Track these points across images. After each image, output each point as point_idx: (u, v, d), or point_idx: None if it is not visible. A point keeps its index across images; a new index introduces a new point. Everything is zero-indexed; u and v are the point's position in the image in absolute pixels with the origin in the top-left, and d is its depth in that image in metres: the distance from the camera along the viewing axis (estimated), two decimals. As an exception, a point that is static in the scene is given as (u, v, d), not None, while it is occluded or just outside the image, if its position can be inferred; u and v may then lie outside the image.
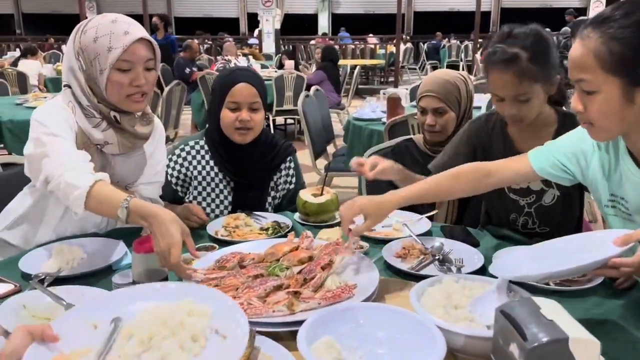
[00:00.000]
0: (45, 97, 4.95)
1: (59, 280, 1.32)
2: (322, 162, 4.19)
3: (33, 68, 7.18)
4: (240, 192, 1.93)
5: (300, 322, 1.00)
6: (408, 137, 2.25)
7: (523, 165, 1.39)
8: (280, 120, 7.54)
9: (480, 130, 1.80)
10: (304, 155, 3.47)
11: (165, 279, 1.26)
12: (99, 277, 1.37)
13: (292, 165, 2.02)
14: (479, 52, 11.61)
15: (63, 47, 12.99)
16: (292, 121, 7.53)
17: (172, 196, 1.91)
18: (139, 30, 1.50)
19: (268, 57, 11.85)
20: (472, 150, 1.78)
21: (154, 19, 8.39)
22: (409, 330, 0.98)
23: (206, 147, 1.91)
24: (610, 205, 1.30)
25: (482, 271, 1.36)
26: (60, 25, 18.31)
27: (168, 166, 1.87)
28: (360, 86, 9.91)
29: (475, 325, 1.01)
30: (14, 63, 7.41)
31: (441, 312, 1.05)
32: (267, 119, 6.87)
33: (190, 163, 1.91)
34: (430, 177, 1.51)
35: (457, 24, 17.99)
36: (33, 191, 1.65)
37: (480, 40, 12.91)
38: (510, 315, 0.82)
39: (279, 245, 1.39)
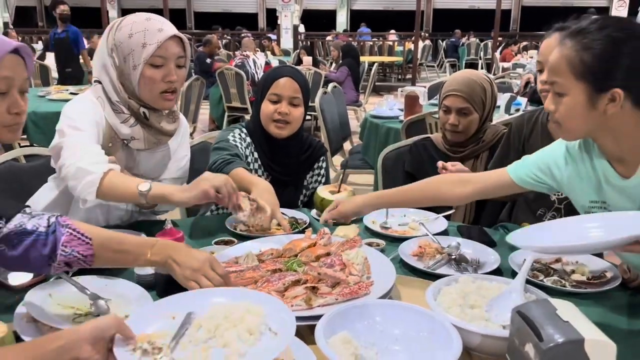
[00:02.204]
0: (66, 90, 5.03)
1: (83, 271, 1.35)
2: (338, 159, 4.20)
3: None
4: (277, 187, 1.96)
5: (317, 317, 1.02)
6: (426, 135, 2.25)
7: (503, 177, 1.48)
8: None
9: (521, 126, 1.87)
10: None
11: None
12: (120, 268, 1.40)
13: (324, 165, 2.05)
14: (498, 51, 11.51)
15: (84, 41, 13.19)
16: (308, 118, 7.54)
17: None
18: (171, 28, 1.56)
19: (286, 53, 11.88)
20: (517, 147, 1.84)
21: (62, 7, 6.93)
22: (425, 328, 0.99)
23: (248, 139, 1.94)
24: (593, 211, 1.33)
25: (499, 272, 1.37)
26: (82, 18, 18.54)
27: (234, 140, 1.88)
28: (377, 83, 9.89)
29: (491, 325, 1.02)
30: (41, 57, 7.53)
31: (457, 311, 1.06)
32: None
33: (242, 146, 1.92)
34: (408, 186, 1.61)
35: (477, 21, 17.81)
36: (58, 183, 1.70)
37: (500, 38, 12.78)
38: (527, 316, 0.83)
39: (296, 241, 1.41)
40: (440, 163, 1.79)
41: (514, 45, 11.64)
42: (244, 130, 1.95)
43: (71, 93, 4.73)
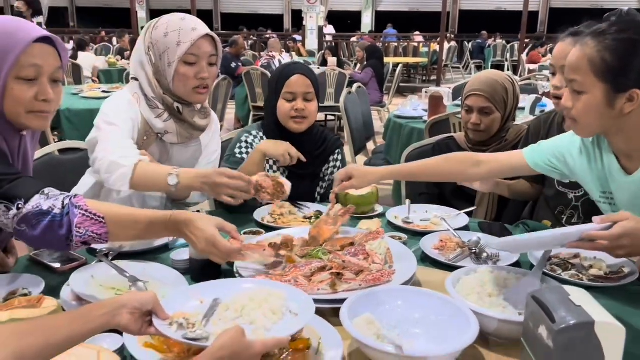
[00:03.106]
0: (99, 88, 5.19)
1: (121, 255, 1.44)
2: (361, 159, 4.25)
3: (87, 60, 7.51)
4: (294, 180, 2.02)
5: (341, 301, 1.09)
6: (449, 134, 2.30)
7: (517, 159, 1.54)
8: (320, 116, 7.64)
9: (539, 127, 1.91)
10: (347, 151, 3.54)
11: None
12: (156, 254, 1.49)
13: (340, 157, 2.10)
14: (525, 52, 11.40)
15: (114, 39, 13.49)
16: (332, 117, 7.61)
17: None
18: (204, 28, 1.65)
19: (311, 54, 11.96)
20: None
21: (17, 3, 6.65)
22: (444, 312, 1.04)
23: (259, 140, 2.01)
24: (602, 201, 1.42)
25: (518, 266, 1.41)
26: (112, 19, 18.96)
27: (240, 147, 1.97)
28: (401, 84, 9.90)
29: (508, 312, 1.07)
30: (73, 56, 7.76)
31: (475, 298, 1.11)
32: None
33: (253, 148, 2.00)
34: (424, 159, 1.67)
35: (504, 23, 17.65)
36: (95, 176, 1.79)
37: (527, 40, 12.64)
38: (541, 300, 0.88)
39: (321, 226, 1.47)
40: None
41: (541, 47, 11.52)
42: (254, 132, 2.01)
43: (103, 91, 4.88)
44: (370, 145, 4.77)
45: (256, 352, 0.86)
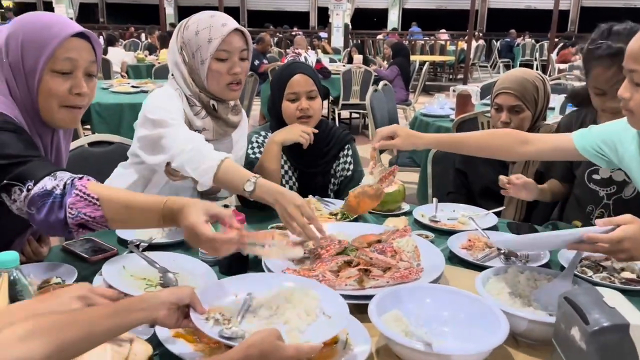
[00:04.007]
0: (128, 83, 5.28)
1: (151, 247, 1.47)
2: (385, 157, 4.24)
3: (117, 56, 7.63)
4: (305, 179, 2.04)
5: (369, 297, 1.09)
6: (478, 133, 2.27)
7: (565, 142, 1.50)
8: (345, 114, 7.62)
9: (569, 125, 1.88)
10: (367, 149, 3.54)
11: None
12: (186, 246, 1.50)
13: (350, 153, 2.10)
14: (554, 52, 11.19)
15: (142, 35, 13.69)
16: (357, 115, 7.59)
17: None
18: (234, 23, 1.66)
19: (336, 51, 11.95)
20: None
21: None
22: (473, 312, 1.04)
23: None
24: None
25: (548, 267, 1.39)
26: (140, 15, 19.24)
27: (252, 148, 1.99)
28: (427, 83, 9.82)
29: (538, 312, 1.06)
30: (103, 51, 7.90)
31: (505, 298, 1.10)
32: (333, 111, 6.98)
33: (260, 154, 2.01)
34: (471, 132, 1.63)
35: (533, 22, 17.36)
36: (136, 169, 1.82)
37: (556, 39, 12.41)
38: (573, 301, 0.87)
39: (364, 198, 1.46)
40: (503, 178, 1.75)
41: (571, 47, 11.29)
42: (262, 133, 2.02)
43: (133, 86, 4.96)
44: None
45: (287, 355, 0.86)
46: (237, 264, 1.36)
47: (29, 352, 0.74)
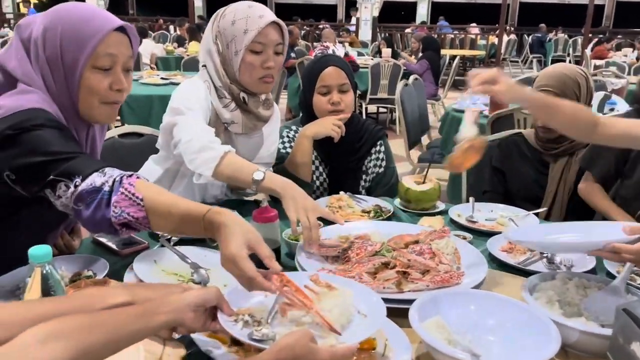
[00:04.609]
0: (157, 75, 5.30)
1: (182, 241, 1.44)
2: (415, 153, 4.16)
3: (146, 48, 7.69)
4: (335, 175, 1.99)
5: (407, 301, 1.04)
6: (517, 131, 2.19)
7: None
8: (372, 108, 7.54)
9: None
10: (395, 145, 3.46)
11: (278, 248, 1.35)
12: (216, 242, 1.47)
13: (383, 149, 2.04)
14: (589, 47, 10.89)
15: (171, 27, 13.79)
16: (384, 110, 7.50)
17: None
18: (271, 15, 1.62)
19: (364, 45, 11.85)
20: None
21: None
22: (521, 321, 0.98)
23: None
24: None
25: (593, 272, 1.32)
26: (169, 7, 19.39)
27: (282, 142, 1.96)
28: (456, 77, 9.66)
29: (590, 323, 1.00)
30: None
31: (554, 307, 1.04)
32: (360, 106, 6.91)
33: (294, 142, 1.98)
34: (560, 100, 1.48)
35: (566, 16, 16.94)
36: (162, 163, 1.80)
37: (590, 35, 12.08)
38: (634, 314, 0.81)
39: (466, 154, 1.37)
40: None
41: (607, 43, 10.98)
42: (294, 127, 1.99)
43: (162, 78, 4.98)
44: (424, 140, 4.66)
45: (322, 359, 0.82)
46: (269, 261, 1.32)
47: (51, 355, 0.71)
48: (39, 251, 0.88)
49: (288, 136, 1.99)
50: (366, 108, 6.88)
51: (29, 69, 1.18)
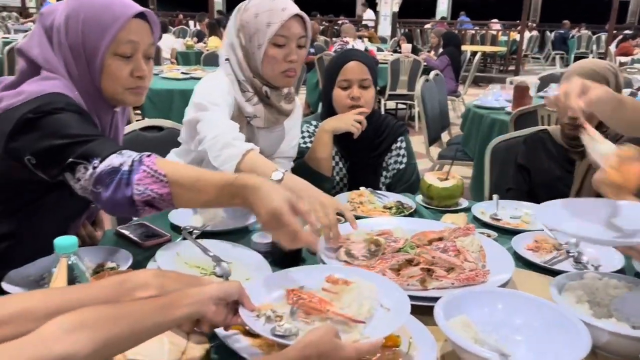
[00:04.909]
0: (178, 69, 5.33)
1: (204, 234, 1.44)
2: (434, 150, 4.11)
3: (167, 42, 7.74)
4: (355, 171, 1.98)
5: (431, 299, 1.03)
6: (543, 127, 2.15)
7: None
8: (391, 104, 7.49)
9: None
10: (414, 141, 3.41)
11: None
12: (237, 235, 1.47)
13: (404, 145, 2.02)
14: (613, 44, 10.68)
15: (191, 23, 13.85)
16: (403, 106, 7.45)
17: None
18: (294, 7, 1.60)
19: (383, 40, 11.77)
20: None
21: None
22: (550, 321, 0.96)
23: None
24: None
25: (622, 273, 1.29)
26: (189, 2, 19.47)
27: (303, 137, 1.96)
28: (477, 74, 9.56)
29: (620, 324, 0.97)
30: (156, 37, 8.00)
31: (583, 307, 1.01)
32: (378, 102, 6.87)
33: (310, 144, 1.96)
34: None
35: (590, 12, 16.63)
36: (184, 156, 1.80)
37: (615, 31, 11.84)
38: (671, 318, 0.78)
39: (627, 166, 1.19)
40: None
41: (632, 39, 10.75)
42: (314, 122, 1.98)
43: (183, 72, 5.00)
44: (444, 136, 4.61)
45: (347, 355, 0.80)
46: (290, 255, 1.31)
47: (75, 346, 0.71)
48: (65, 242, 0.88)
49: (308, 131, 1.99)
50: (385, 104, 6.84)
51: (51, 55, 1.19)
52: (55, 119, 1.10)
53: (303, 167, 1.86)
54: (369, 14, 15.15)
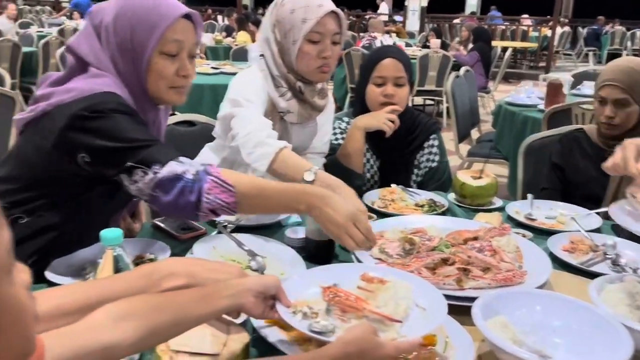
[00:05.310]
0: (207, 64, 5.37)
1: (240, 229, 1.46)
2: (464, 147, 4.07)
3: (196, 37, 7.79)
4: (387, 168, 1.97)
5: (467, 298, 1.02)
6: (579, 126, 2.11)
7: None
8: (418, 100, 7.43)
9: None
10: (442, 138, 3.39)
11: (333, 240, 1.35)
12: (271, 230, 1.49)
13: (436, 143, 2.00)
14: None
15: (219, 18, 13.94)
16: (431, 102, 7.38)
17: None
18: (330, 4, 1.61)
19: (411, 36, 11.67)
20: None
21: None
22: (590, 324, 0.94)
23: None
24: None
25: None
26: (218, -2, 19.59)
27: (334, 134, 1.96)
28: (506, 70, 9.41)
29: (664, 330, 0.95)
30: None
31: (623, 311, 1.00)
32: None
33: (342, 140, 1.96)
34: None
35: (625, 8, 16.17)
36: (219, 152, 1.82)
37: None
38: None
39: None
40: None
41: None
42: (345, 119, 1.97)
43: (212, 67, 5.04)
44: (474, 133, 4.56)
45: (387, 353, 0.81)
46: (324, 251, 1.33)
47: (122, 334, 0.73)
48: (111, 234, 0.90)
49: (340, 127, 1.99)
50: (412, 100, 6.78)
51: (99, 53, 1.22)
52: (111, 120, 1.14)
53: (334, 163, 1.87)
54: (383, 8, 15.07)
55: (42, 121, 1.19)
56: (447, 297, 1.05)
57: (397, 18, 13.23)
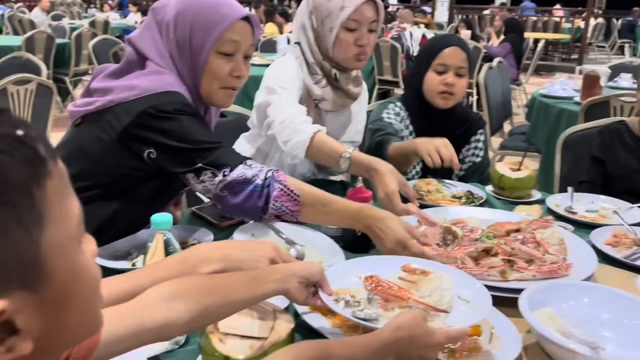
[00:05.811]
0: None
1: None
2: (496, 140, 4.02)
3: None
4: None
5: (511, 290, 1.02)
6: (620, 119, 2.06)
7: None
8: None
9: None
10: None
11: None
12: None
13: (482, 138, 1.98)
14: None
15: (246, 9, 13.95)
16: (460, 94, 7.27)
17: None
18: None
19: (440, 27, 11.51)
20: None
21: None
22: (639, 317, 0.93)
23: (403, 112, 1.95)
24: None
25: None
26: (244, -11, 19.61)
27: (387, 112, 1.92)
28: (539, 62, 9.22)
29: None
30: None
31: (674, 306, 0.98)
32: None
33: (396, 121, 1.94)
34: None
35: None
36: (254, 141, 1.83)
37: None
38: None
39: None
40: None
41: None
42: (398, 104, 1.95)
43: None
44: (506, 126, 4.49)
45: (437, 341, 0.81)
46: (361, 241, 1.33)
47: (175, 313, 0.74)
48: (162, 218, 0.92)
49: (394, 110, 1.94)
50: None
51: (161, 49, 1.25)
52: (177, 121, 1.18)
53: (380, 151, 1.77)
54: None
55: (104, 116, 1.20)
56: (490, 288, 1.05)
57: (426, 9, 13.04)
